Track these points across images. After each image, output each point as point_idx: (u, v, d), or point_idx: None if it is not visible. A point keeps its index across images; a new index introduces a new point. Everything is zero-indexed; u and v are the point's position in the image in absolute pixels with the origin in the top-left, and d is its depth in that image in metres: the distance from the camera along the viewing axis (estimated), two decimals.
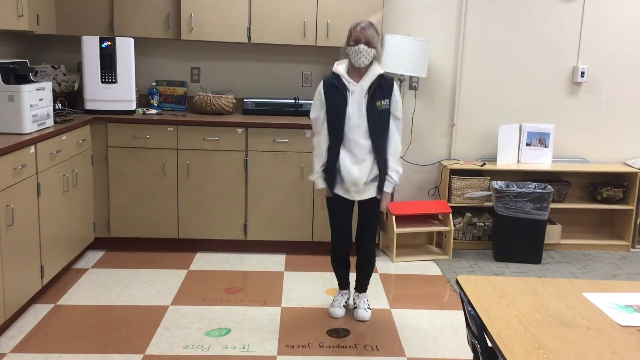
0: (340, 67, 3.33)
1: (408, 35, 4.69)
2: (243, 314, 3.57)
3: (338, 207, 3.45)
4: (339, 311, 3.61)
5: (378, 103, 3.28)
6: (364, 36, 3.23)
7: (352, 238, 3.54)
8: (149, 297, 3.77)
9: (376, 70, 3.30)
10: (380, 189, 3.37)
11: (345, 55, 3.34)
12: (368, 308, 3.61)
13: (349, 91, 3.28)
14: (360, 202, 3.45)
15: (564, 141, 5.06)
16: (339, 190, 3.38)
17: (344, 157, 3.31)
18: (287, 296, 3.84)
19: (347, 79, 3.29)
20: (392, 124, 3.36)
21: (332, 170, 3.34)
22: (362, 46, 3.22)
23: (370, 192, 3.38)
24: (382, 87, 3.29)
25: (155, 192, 4.42)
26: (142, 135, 4.35)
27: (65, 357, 3.03)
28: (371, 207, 3.45)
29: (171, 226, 4.47)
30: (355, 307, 3.63)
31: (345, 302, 3.68)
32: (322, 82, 3.37)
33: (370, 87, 3.27)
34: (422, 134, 5.00)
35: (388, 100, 3.30)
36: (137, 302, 3.70)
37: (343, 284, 3.70)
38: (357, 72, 3.31)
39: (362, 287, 3.67)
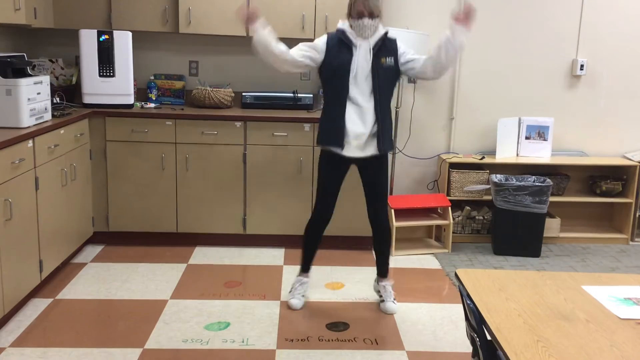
0: (345, 25, 3.35)
1: (407, 29, 4.67)
2: (242, 308, 3.57)
3: (332, 174, 3.45)
4: (298, 302, 3.58)
5: (383, 60, 3.30)
6: (366, 8, 3.22)
7: (332, 212, 3.52)
8: (148, 291, 3.77)
9: (380, 31, 3.32)
10: (379, 147, 3.35)
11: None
12: (395, 300, 3.62)
13: (355, 46, 3.29)
14: (364, 172, 3.45)
15: (563, 134, 5.06)
16: (347, 150, 3.34)
17: (350, 110, 3.30)
18: (287, 290, 3.83)
19: (352, 34, 3.30)
20: (417, 56, 3.34)
21: (337, 124, 3.32)
22: (366, 20, 3.23)
23: (371, 149, 3.36)
24: (386, 45, 3.32)
25: (154, 186, 4.41)
26: (140, 129, 4.33)
27: (64, 351, 3.03)
28: (377, 175, 3.45)
29: (170, 220, 4.47)
30: (382, 300, 3.62)
31: (304, 292, 3.65)
32: (326, 35, 3.38)
33: (375, 45, 3.29)
34: (421, 127, 4.99)
35: (393, 58, 3.32)
36: (136, 296, 3.70)
37: (307, 266, 3.67)
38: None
39: (384, 270, 3.66)
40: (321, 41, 3.37)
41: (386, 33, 3.33)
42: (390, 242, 3.66)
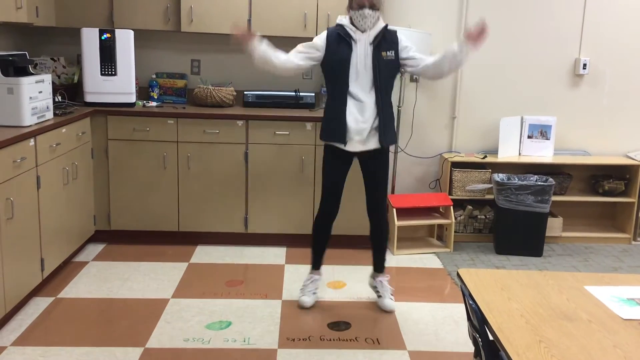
0: (345, 20, 3.36)
1: (409, 27, 4.66)
2: (244, 307, 3.57)
3: (336, 167, 3.45)
4: (309, 300, 3.58)
5: (383, 53, 3.30)
6: (367, 0, 3.23)
7: (339, 207, 3.52)
8: (149, 290, 3.76)
9: (380, 24, 3.32)
10: (381, 140, 3.35)
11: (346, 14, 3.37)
12: (392, 296, 3.62)
13: (354, 40, 3.29)
14: (365, 165, 3.45)
15: (566, 134, 5.04)
16: (349, 145, 3.34)
17: (351, 105, 3.31)
18: (288, 289, 3.84)
19: (352, 29, 3.31)
20: (418, 56, 3.33)
21: (338, 119, 3.32)
22: (367, 11, 3.23)
23: (373, 143, 3.37)
24: (386, 38, 3.32)
25: (155, 185, 4.41)
26: (142, 128, 4.33)
27: (65, 350, 3.03)
28: (379, 167, 3.44)
29: (172, 219, 4.47)
30: (380, 297, 3.61)
31: (315, 289, 3.65)
32: (326, 31, 3.39)
33: (375, 38, 3.29)
34: (423, 126, 4.98)
35: (393, 52, 3.32)
36: (138, 295, 3.69)
37: (317, 264, 3.67)
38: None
39: (380, 265, 3.65)
40: (321, 38, 3.38)
41: (386, 26, 3.33)
42: (387, 235, 3.65)
